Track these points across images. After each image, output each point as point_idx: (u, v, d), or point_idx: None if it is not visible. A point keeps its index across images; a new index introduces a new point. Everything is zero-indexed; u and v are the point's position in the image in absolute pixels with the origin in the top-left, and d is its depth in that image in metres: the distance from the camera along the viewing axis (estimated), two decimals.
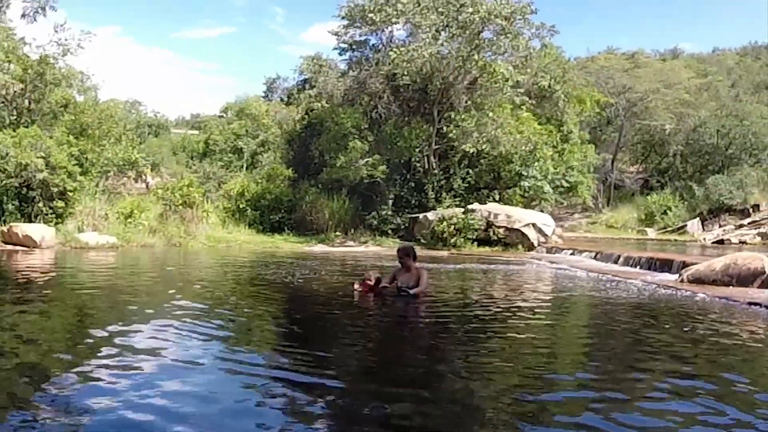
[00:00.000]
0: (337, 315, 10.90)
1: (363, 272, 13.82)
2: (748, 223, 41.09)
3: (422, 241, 28.49)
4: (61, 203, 24.31)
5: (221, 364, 6.78)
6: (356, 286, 12.09)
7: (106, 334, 8.26)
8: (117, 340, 7.73)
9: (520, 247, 27.26)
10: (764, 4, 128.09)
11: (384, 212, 30.67)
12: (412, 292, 11.24)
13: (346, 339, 9.07)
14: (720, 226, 42.43)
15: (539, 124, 34.83)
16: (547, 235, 28.01)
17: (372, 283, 11.74)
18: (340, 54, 36.89)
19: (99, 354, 7.07)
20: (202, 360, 6.92)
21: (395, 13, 31.33)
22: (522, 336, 9.28)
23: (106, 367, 6.51)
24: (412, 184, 32.11)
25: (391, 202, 31.18)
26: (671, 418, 5.21)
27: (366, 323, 10.44)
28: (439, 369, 7.12)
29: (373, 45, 35.13)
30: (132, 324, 9.06)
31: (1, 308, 10.24)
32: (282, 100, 55.09)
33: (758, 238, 38.30)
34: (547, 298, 14.28)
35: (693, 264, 16.11)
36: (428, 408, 5.52)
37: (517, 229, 27.63)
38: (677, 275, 16.05)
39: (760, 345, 8.83)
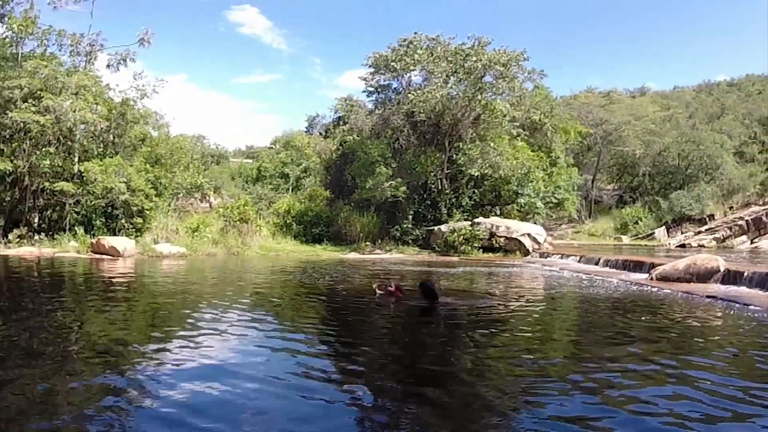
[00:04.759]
0: (363, 309, 10.96)
1: (384, 279, 13.77)
2: (705, 230, 40.93)
3: (437, 248, 28.32)
4: (139, 220, 24.38)
5: (266, 350, 6.97)
6: (374, 287, 12.10)
7: (179, 322, 8.81)
8: (188, 327, 8.20)
9: (517, 252, 26.93)
10: (715, 49, 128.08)
11: (405, 225, 30.37)
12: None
13: (370, 328, 9.18)
14: (682, 233, 42.28)
15: (532, 151, 34.61)
16: (539, 243, 27.63)
17: (392, 289, 11.53)
18: (368, 96, 36.94)
19: (173, 338, 7.45)
20: (253, 346, 7.20)
21: (413, 62, 31.43)
22: (520, 324, 9.33)
23: (178, 348, 6.83)
24: (428, 202, 31.76)
25: (411, 217, 30.87)
26: (643, 389, 5.44)
27: (386, 314, 10.30)
28: (448, 356, 7.03)
29: (394, 88, 35.01)
30: (200, 313, 9.48)
31: (94, 303, 10.82)
32: (321, 133, 54.92)
33: (714, 242, 38.39)
34: (541, 293, 14.13)
35: (660, 264, 16.27)
36: (436, 381, 5.41)
37: (515, 238, 27.35)
38: (647, 274, 16.20)
39: (714, 330, 8.99)
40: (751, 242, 38.40)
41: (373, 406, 5.03)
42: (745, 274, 13.83)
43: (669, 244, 39.65)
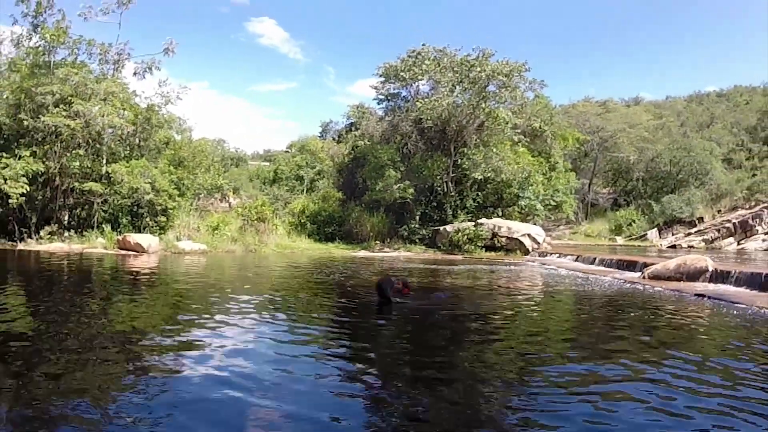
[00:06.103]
0: (371, 303, 10.72)
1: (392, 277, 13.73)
2: (695, 232, 40.91)
3: (442, 247, 28.26)
4: (163, 218, 24.44)
5: (277, 338, 6.88)
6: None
7: (199, 313, 8.77)
8: (207, 318, 8.21)
9: (518, 252, 26.83)
10: (705, 61, 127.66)
11: (413, 225, 30.30)
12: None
13: (376, 321, 9.24)
14: (673, 235, 42.23)
15: (532, 156, 34.48)
16: (539, 243, 27.54)
17: (399, 285, 11.38)
18: (378, 103, 36.91)
19: (192, 328, 7.46)
20: (266, 337, 7.07)
21: (421, 72, 31.38)
22: (520, 320, 9.33)
23: (195, 337, 6.87)
24: (434, 204, 31.68)
25: (418, 217, 30.81)
26: (635, 381, 5.45)
27: (393, 310, 10.06)
28: (450, 348, 6.95)
29: (403, 96, 34.94)
30: (219, 305, 9.56)
31: (122, 295, 10.79)
32: (334, 139, 54.80)
33: (703, 244, 38.57)
34: (540, 290, 14.02)
35: (652, 264, 16.17)
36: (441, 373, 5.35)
37: (515, 238, 27.25)
38: (640, 273, 16.12)
39: (702, 327, 8.89)
40: (738, 244, 38.41)
41: (377, 398, 4.98)
42: (732, 273, 13.82)
43: (660, 244, 39.69)
